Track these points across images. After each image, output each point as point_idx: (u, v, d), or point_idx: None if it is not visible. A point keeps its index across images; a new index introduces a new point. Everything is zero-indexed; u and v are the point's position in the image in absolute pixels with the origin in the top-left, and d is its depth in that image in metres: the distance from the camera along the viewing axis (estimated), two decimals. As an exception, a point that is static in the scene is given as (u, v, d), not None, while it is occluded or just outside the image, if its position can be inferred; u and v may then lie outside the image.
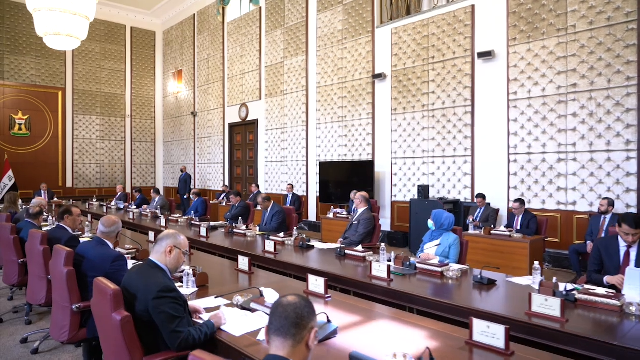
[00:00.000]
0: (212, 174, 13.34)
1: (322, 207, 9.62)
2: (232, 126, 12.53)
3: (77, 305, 2.67)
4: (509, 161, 6.85)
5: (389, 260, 3.82)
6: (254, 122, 11.70)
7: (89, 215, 6.82)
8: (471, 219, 6.71)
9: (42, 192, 10.96)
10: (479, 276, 3.17)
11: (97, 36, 14.41)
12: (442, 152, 7.66)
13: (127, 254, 3.87)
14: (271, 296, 2.44)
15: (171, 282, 2.15)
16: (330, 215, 7.58)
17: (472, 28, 7.24)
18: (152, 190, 8.74)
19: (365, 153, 8.90)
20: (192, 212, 7.21)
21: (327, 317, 2.17)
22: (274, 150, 11.07)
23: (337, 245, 4.76)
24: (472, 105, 7.26)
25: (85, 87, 14.35)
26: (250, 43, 11.76)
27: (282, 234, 5.01)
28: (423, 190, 7.35)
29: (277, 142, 10.94)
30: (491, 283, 3.15)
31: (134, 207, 8.64)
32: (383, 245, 3.88)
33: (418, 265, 3.57)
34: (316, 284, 2.88)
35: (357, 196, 5.17)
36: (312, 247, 4.62)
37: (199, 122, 13.92)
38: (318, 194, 9.75)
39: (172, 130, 15.36)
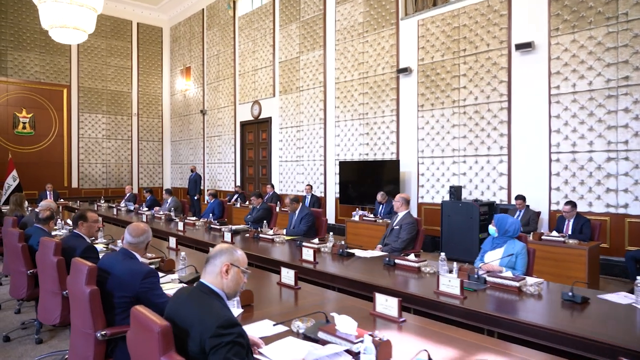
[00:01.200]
0: (223, 174, 12.88)
1: (342, 209, 9.15)
2: (244, 124, 12.07)
3: (102, 333, 2.20)
4: (550, 160, 6.37)
5: (450, 272, 3.35)
6: (267, 120, 11.23)
7: (100, 219, 6.36)
8: (510, 223, 6.24)
9: (48, 192, 10.50)
10: (570, 293, 2.70)
11: (102, 32, 13.96)
12: (475, 151, 7.18)
13: (150, 264, 3.42)
14: (345, 324, 1.97)
15: (230, 312, 1.68)
16: (356, 218, 7.11)
17: (508, 18, 6.77)
18: (164, 191, 8.27)
19: (388, 152, 8.43)
20: (210, 214, 6.74)
21: (429, 355, 1.71)
22: (288, 149, 10.60)
23: (378, 252, 4.30)
24: (509, 101, 6.78)
25: (91, 85, 13.91)
26: (263, 38, 11.30)
27: (316, 240, 4.54)
28: (455, 191, 6.88)
29: (293, 141, 10.47)
30: (585, 301, 2.68)
31: (145, 208, 8.18)
32: (443, 255, 3.41)
33: (488, 278, 3.10)
34: (386, 304, 2.41)
35: (398, 198, 4.70)
36: (352, 254, 4.15)
37: (208, 120, 13.47)
38: (337, 195, 9.29)
39: (180, 129, 14.91)
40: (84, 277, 2.22)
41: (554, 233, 5.16)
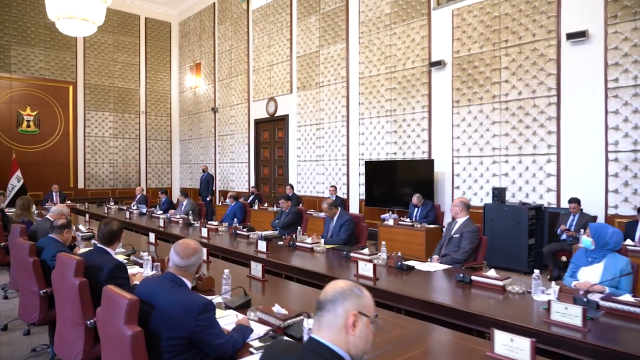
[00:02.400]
0: (236, 174, 12.33)
1: (367, 212, 8.59)
2: (258, 122, 11.52)
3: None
4: (606, 160, 5.81)
5: (544, 292, 2.80)
6: (284, 118, 10.69)
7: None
8: (563, 228, 5.70)
9: (54, 194, 9.98)
10: None
11: (109, 27, 13.42)
12: (519, 150, 6.63)
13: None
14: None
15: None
16: (390, 222, 6.55)
17: (557, 5, 6.21)
18: (179, 193, 7.73)
19: (419, 151, 7.87)
20: (235, 218, 6.18)
21: None
22: (307, 148, 10.05)
23: (439, 265, 3.75)
24: (558, 95, 6.23)
25: (97, 81, 13.38)
26: (279, 32, 10.75)
27: (366, 251, 3.99)
28: (499, 193, 6.33)
29: (312, 140, 9.92)
30: None
31: (160, 212, 7.63)
32: (537, 272, 2.85)
33: (602, 303, 2.54)
34: (512, 346, 1.86)
35: (457, 203, 4.15)
36: (412, 268, 3.60)
37: (220, 118, 12.92)
38: (362, 197, 8.74)
39: (189, 127, 14.37)
40: (123, 313, 1.68)
41: (628, 241, 4.60)
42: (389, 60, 8.31)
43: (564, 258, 5.63)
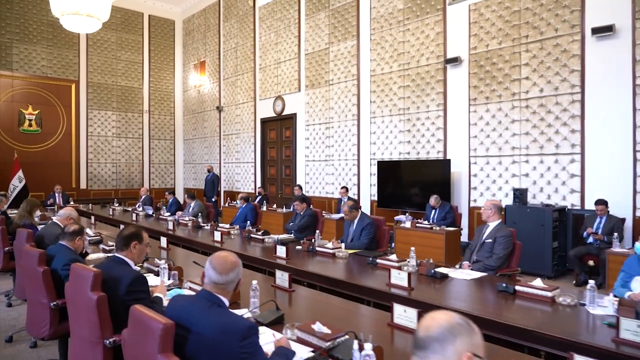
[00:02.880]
0: (241, 174, 12.10)
1: (379, 213, 8.34)
2: (265, 121, 11.29)
3: None
4: (634, 160, 5.59)
5: (599, 304, 2.58)
6: (292, 117, 10.46)
7: (122, 227, 5.59)
8: (590, 231, 5.48)
9: (56, 194, 9.76)
10: None
11: (112, 24, 13.17)
12: (540, 149, 6.40)
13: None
14: None
15: None
16: (407, 225, 6.32)
17: (581, -1, 5.98)
18: (186, 195, 7.51)
19: (434, 151, 7.65)
20: (248, 221, 5.95)
21: None
22: (316, 147, 9.82)
23: (473, 272, 3.52)
24: (582, 93, 6.00)
25: (100, 80, 13.14)
26: (287, 29, 10.51)
27: (394, 257, 3.76)
28: (521, 194, 6.11)
29: (321, 139, 9.69)
30: None
31: (168, 213, 7.40)
32: (592, 283, 2.63)
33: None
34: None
35: (488, 205, 3.92)
36: (446, 276, 3.37)
37: (225, 117, 12.69)
38: (374, 198, 8.51)
39: (193, 126, 14.13)
40: (157, 340, 1.45)
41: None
42: (402, 57, 8.08)
43: (591, 262, 5.41)
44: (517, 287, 2.89)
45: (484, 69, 6.97)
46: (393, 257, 3.76)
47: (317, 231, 4.74)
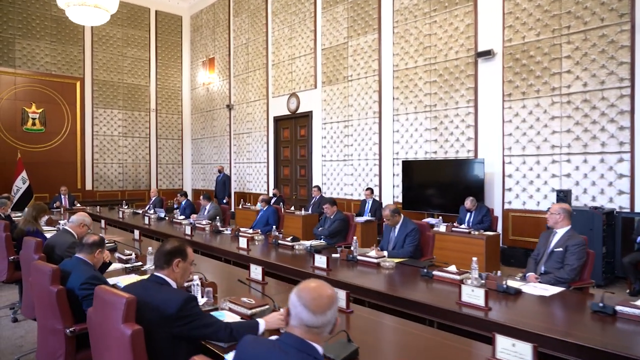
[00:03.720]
0: (253, 174, 11.67)
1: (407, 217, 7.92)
2: (278, 120, 10.85)
3: None
4: (693, 159, 5.14)
5: None
6: (307, 115, 10.02)
7: (136, 232, 5.16)
8: (644, 237, 5.03)
9: (62, 196, 9.33)
10: None
11: (118, 20, 12.77)
12: (583, 148, 5.95)
13: (253, 315, 2.24)
14: None
15: None
16: (442, 229, 5.87)
17: (631, -15, 5.53)
18: (201, 197, 7.07)
19: (464, 150, 7.20)
20: (273, 226, 5.49)
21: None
22: (334, 147, 9.38)
23: (547, 287, 3.07)
24: (632, 87, 5.55)
25: (106, 77, 12.72)
26: (302, 23, 10.08)
27: (452, 268, 3.32)
28: (565, 196, 5.66)
29: (339, 138, 9.25)
30: None
31: (182, 217, 6.96)
32: None
33: None
34: None
35: (556, 209, 3.48)
36: (519, 291, 2.93)
37: (235, 116, 12.26)
38: (398, 199, 8.07)
39: (202, 125, 13.70)
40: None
41: None
42: (428, 51, 7.64)
43: (647, 270, 4.96)
44: (619, 308, 2.44)
45: (519, 63, 6.52)
46: (452, 268, 3.31)
47: (355, 238, 4.29)
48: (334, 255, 4.06)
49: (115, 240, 4.55)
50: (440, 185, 7.32)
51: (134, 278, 3.20)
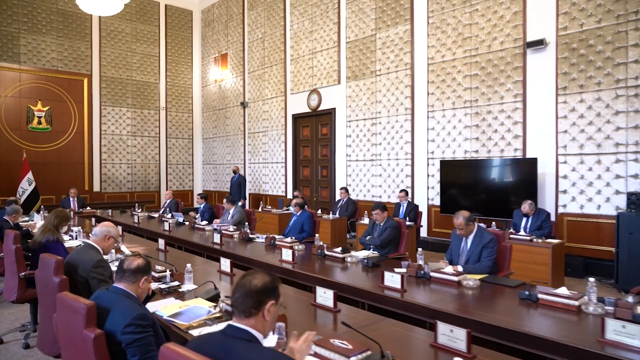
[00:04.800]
0: (269, 175, 11.09)
1: (441, 220, 7.35)
2: (297, 118, 10.27)
3: None
4: None
5: None
6: (330, 112, 9.44)
7: (161, 241, 4.59)
8: None
9: (71, 199, 8.76)
10: None
11: (127, 14, 12.21)
12: (654, 146, 5.36)
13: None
14: None
15: None
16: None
17: None
18: (224, 200, 6.48)
19: (510, 149, 6.62)
20: (316, 235, 4.91)
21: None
22: (360, 146, 8.80)
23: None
24: None
25: (115, 74, 12.15)
26: (324, 15, 9.50)
27: (563, 290, 2.73)
28: (638, 199, 5.06)
29: (366, 136, 8.67)
30: None
31: (204, 222, 6.37)
32: None
33: None
34: None
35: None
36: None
37: (250, 114, 11.68)
38: (433, 202, 7.48)
39: (213, 124, 13.13)
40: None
41: None
42: (468, 42, 7.05)
43: None
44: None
45: (577, 53, 5.93)
46: (562, 290, 2.72)
47: (420, 249, 3.70)
48: (397, 270, 3.47)
49: (140, 254, 3.96)
50: (484, 187, 6.72)
51: (174, 304, 2.63)
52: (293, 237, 5.14)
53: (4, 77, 10.47)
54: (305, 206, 8.15)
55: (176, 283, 3.04)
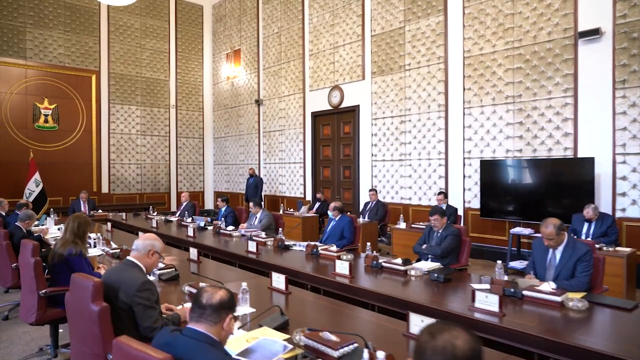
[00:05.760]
0: (286, 176, 10.60)
1: (480, 225, 6.87)
2: (317, 115, 9.79)
3: None
4: None
5: None
6: (353, 109, 8.95)
7: (193, 250, 4.10)
8: None
9: (82, 202, 8.27)
10: None
11: (136, 8, 11.75)
12: None
13: None
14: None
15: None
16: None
17: None
18: (250, 203, 5.99)
19: (559, 147, 6.13)
20: (364, 243, 4.43)
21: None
22: (387, 145, 8.31)
23: None
24: None
25: (124, 70, 11.67)
26: (346, 7, 9.01)
27: None
28: None
29: (394, 135, 8.18)
30: None
31: (231, 227, 5.87)
32: None
33: None
34: None
35: None
36: None
37: (265, 112, 11.19)
38: (470, 205, 7.00)
39: (225, 123, 12.64)
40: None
41: None
42: (511, 33, 6.57)
43: None
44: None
45: (637, 43, 5.44)
46: None
47: (499, 262, 3.21)
48: (475, 286, 2.98)
49: (173, 265, 3.47)
50: (530, 189, 6.24)
51: (239, 336, 2.14)
52: (333, 245, 4.66)
53: (9, 73, 9.99)
54: (324, 205, 7.68)
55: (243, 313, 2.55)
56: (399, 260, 3.63)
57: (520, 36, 6.47)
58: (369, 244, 4.02)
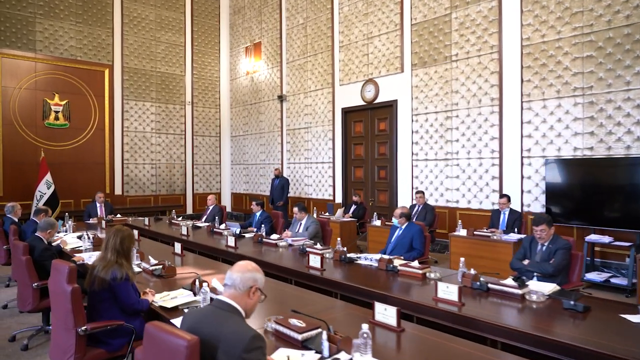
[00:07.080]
0: (313, 177, 9.93)
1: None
2: (348, 112, 9.12)
3: None
4: None
5: None
6: (390, 105, 8.28)
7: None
8: None
9: (97, 205, 7.60)
10: None
11: (151, 0, 11.11)
12: None
13: None
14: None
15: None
16: None
17: None
18: (295, 207, 5.33)
19: (638, 145, 5.45)
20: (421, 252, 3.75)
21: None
22: (430, 143, 7.65)
23: None
24: None
25: (138, 65, 11.02)
26: (382, -6, 8.35)
27: None
28: None
29: (438, 132, 7.51)
30: None
31: (275, 236, 5.19)
32: None
33: None
34: None
35: None
36: None
37: (289, 108, 10.53)
38: (528, 208, 6.32)
39: (244, 120, 11.98)
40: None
41: None
42: (579, 17, 5.89)
43: None
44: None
45: None
46: None
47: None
48: (630, 317, 2.31)
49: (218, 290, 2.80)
50: (605, 192, 5.56)
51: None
52: (402, 257, 4.00)
53: (18, 66, 9.35)
54: (364, 211, 7.01)
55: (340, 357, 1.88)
56: (509, 281, 2.96)
57: (591, 21, 5.79)
58: (462, 259, 3.33)
